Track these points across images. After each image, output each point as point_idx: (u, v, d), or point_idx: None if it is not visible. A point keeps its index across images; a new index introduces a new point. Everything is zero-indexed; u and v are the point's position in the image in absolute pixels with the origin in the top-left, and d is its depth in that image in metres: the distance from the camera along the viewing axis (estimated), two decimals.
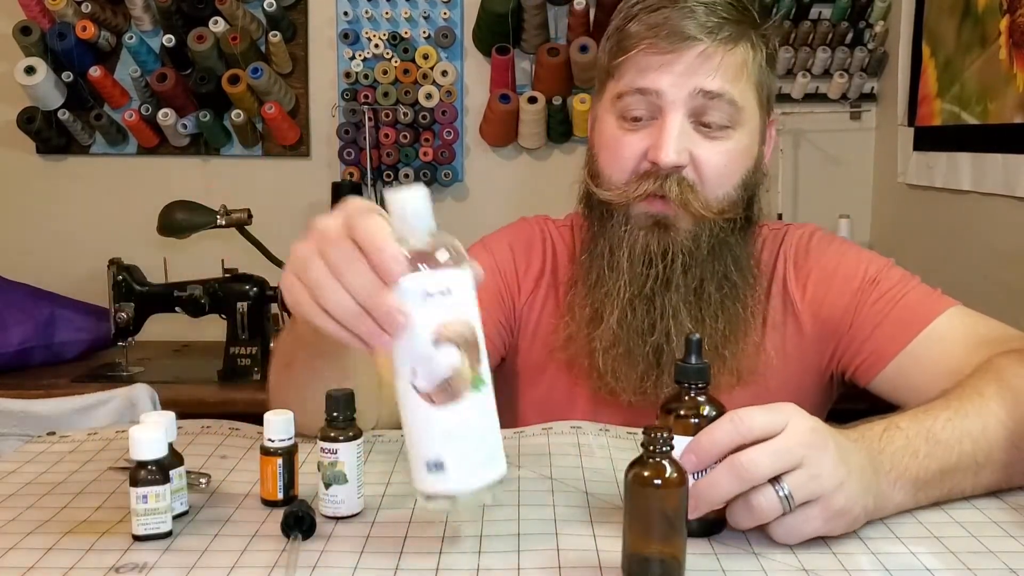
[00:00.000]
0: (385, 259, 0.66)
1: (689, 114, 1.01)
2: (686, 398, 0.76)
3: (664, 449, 0.67)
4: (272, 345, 1.15)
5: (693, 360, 0.76)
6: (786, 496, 0.71)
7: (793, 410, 0.74)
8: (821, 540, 0.76)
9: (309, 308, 0.70)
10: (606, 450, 0.98)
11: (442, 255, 0.70)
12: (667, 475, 0.67)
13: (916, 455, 0.80)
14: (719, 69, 0.99)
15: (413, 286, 0.68)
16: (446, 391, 0.69)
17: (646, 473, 0.67)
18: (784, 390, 1.08)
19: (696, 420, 0.74)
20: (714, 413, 0.74)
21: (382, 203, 2.27)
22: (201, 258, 2.24)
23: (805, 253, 1.13)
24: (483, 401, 0.70)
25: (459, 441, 0.70)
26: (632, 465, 0.68)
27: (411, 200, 0.69)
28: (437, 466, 0.70)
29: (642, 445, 0.68)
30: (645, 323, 1.03)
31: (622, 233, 1.04)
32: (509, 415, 1.22)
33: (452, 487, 0.71)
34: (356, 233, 0.68)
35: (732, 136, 1.02)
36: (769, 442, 0.71)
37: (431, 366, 0.68)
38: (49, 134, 2.46)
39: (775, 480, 0.71)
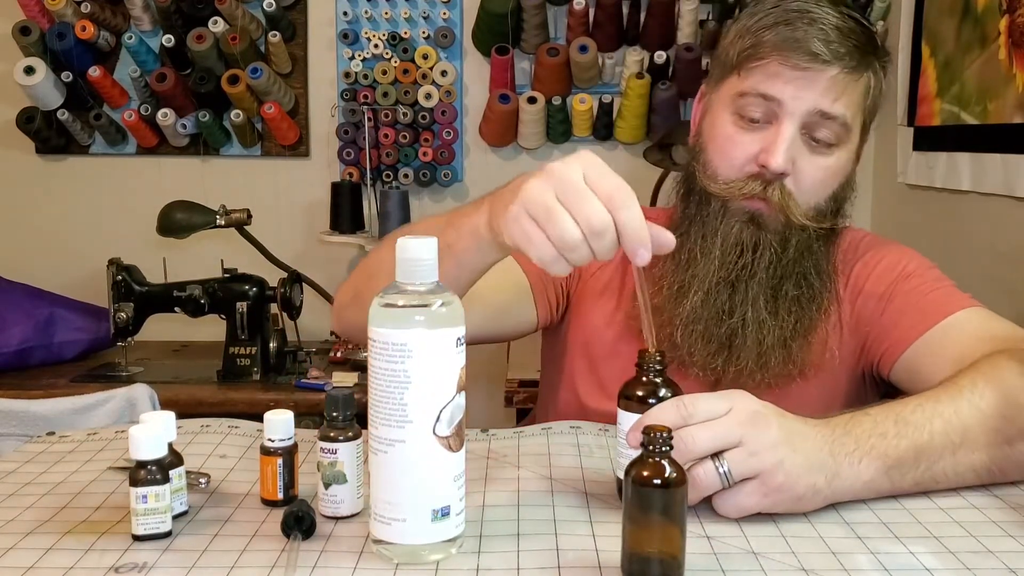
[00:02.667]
0: (638, 222, 0.76)
1: (802, 127, 1.05)
2: (644, 380, 0.78)
3: (664, 449, 0.68)
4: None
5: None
6: (725, 472, 0.77)
7: (741, 396, 0.80)
8: (820, 540, 0.77)
9: (535, 237, 0.77)
10: (606, 450, 0.98)
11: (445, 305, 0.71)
12: (667, 475, 0.67)
13: (884, 435, 0.83)
14: (843, 95, 1.04)
15: (453, 333, 0.70)
16: (459, 435, 0.72)
17: (646, 473, 0.68)
18: (827, 383, 1.13)
19: (653, 401, 0.78)
20: (669, 395, 0.78)
21: (382, 203, 2.27)
22: (200, 258, 2.24)
23: (854, 249, 1.19)
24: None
25: (461, 485, 0.73)
26: (632, 465, 0.69)
27: (421, 248, 0.71)
28: (444, 512, 0.71)
29: (642, 445, 0.68)
30: (726, 307, 1.09)
31: (717, 223, 1.09)
32: (568, 387, 1.23)
33: (455, 531, 0.73)
34: (599, 188, 0.76)
35: (834, 153, 1.07)
36: (711, 422, 0.77)
37: (453, 411, 0.71)
38: (49, 134, 2.46)
39: (717, 457, 0.77)
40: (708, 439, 0.77)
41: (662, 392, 0.81)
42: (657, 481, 0.67)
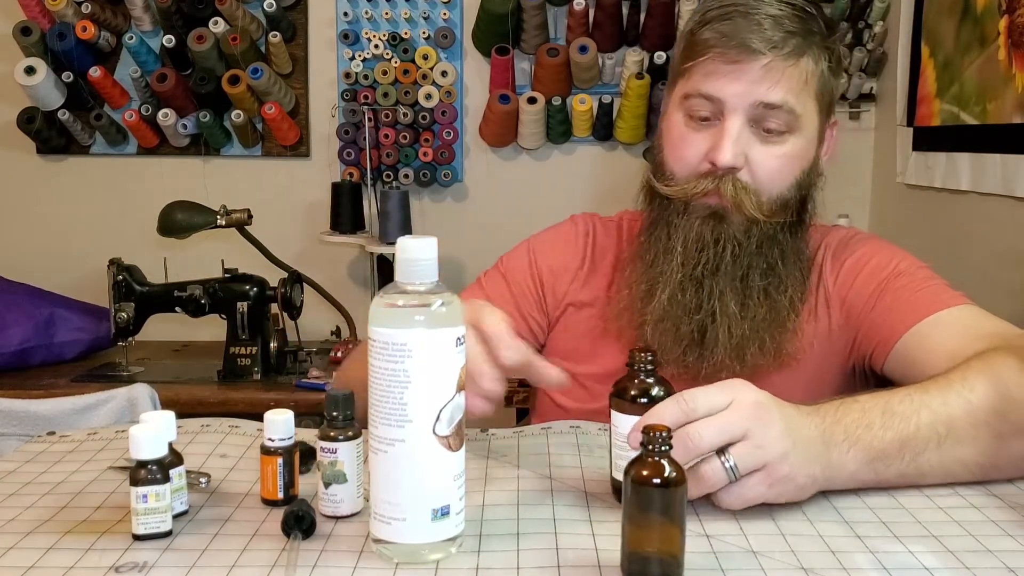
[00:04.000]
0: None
1: (749, 120, 1.07)
2: (636, 380, 0.77)
3: (663, 448, 0.68)
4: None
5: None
6: (731, 467, 0.77)
7: (741, 387, 0.79)
8: (820, 539, 0.77)
9: None
10: (606, 449, 0.98)
11: (444, 305, 0.71)
12: (666, 474, 0.67)
13: (871, 427, 0.84)
14: (780, 82, 1.05)
15: (453, 332, 0.71)
16: (459, 434, 0.72)
17: (645, 472, 0.68)
18: (812, 375, 1.14)
19: (645, 401, 0.76)
20: (663, 393, 0.76)
21: (382, 203, 2.28)
22: (201, 258, 2.24)
23: (844, 246, 1.19)
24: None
25: (461, 484, 0.73)
26: (631, 464, 0.69)
27: (420, 248, 0.71)
28: (444, 512, 0.71)
29: (641, 444, 0.68)
30: (693, 302, 1.10)
31: (679, 220, 1.11)
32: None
33: (455, 531, 0.73)
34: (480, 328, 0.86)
35: (788, 140, 1.08)
36: (714, 416, 0.76)
37: (453, 410, 0.71)
38: (49, 134, 2.46)
39: (721, 452, 0.77)
40: (713, 434, 0.76)
41: (654, 391, 0.81)
42: (656, 480, 0.67)
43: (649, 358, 0.81)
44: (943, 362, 0.96)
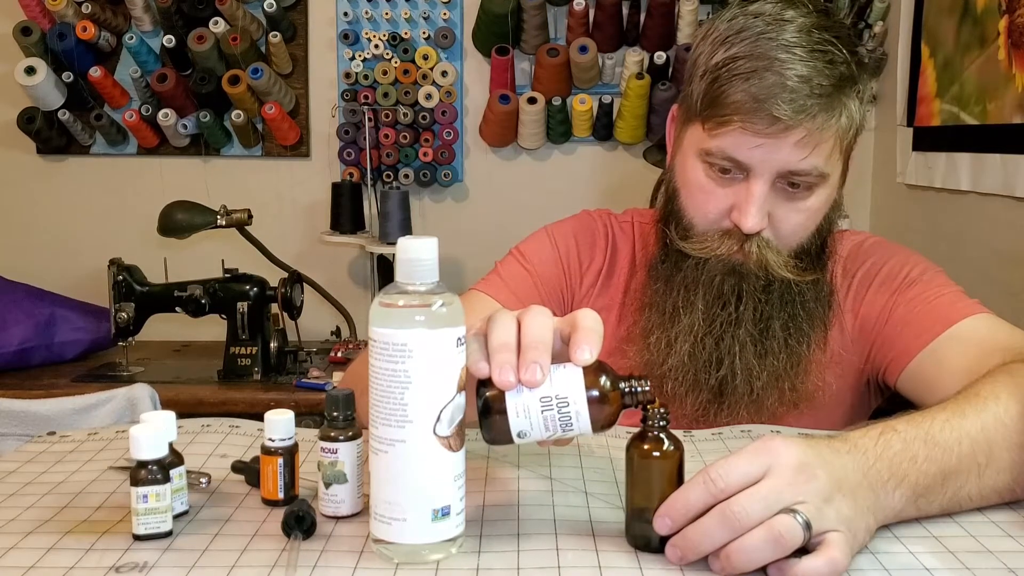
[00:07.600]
0: (540, 353, 0.73)
1: (775, 179, 1.02)
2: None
3: (662, 424, 0.74)
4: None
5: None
6: (805, 522, 0.68)
7: (776, 448, 0.71)
8: None
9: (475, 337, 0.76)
10: (606, 450, 0.98)
11: (444, 307, 0.71)
12: (664, 448, 0.74)
13: (915, 460, 0.78)
14: (813, 150, 1.00)
15: (453, 333, 0.71)
16: (460, 435, 0.72)
17: (646, 446, 0.74)
18: (828, 403, 1.12)
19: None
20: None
21: (382, 203, 2.27)
22: (201, 258, 2.24)
23: (855, 256, 1.17)
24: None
25: (461, 485, 0.73)
26: (633, 439, 0.74)
27: (421, 248, 0.71)
28: (444, 512, 0.71)
29: (642, 420, 0.74)
30: (713, 357, 1.08)
31: (698, 275, 1.07)
32: None
33: (456, 531, 0.73)
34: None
35: (814, 194, 1.04)
36: (758, 487, 0.69)
37: (454, 410, 0.71)
38: (49, 134, 2.46)
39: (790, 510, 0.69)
40: (762, 510, 0.68)
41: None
42: (656, 453, 0.73)
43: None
44: (958, 379, 0.93)
